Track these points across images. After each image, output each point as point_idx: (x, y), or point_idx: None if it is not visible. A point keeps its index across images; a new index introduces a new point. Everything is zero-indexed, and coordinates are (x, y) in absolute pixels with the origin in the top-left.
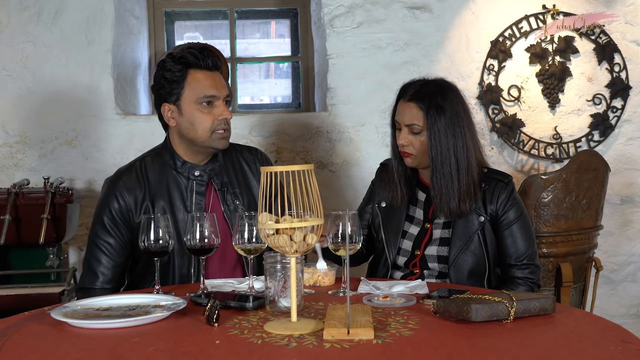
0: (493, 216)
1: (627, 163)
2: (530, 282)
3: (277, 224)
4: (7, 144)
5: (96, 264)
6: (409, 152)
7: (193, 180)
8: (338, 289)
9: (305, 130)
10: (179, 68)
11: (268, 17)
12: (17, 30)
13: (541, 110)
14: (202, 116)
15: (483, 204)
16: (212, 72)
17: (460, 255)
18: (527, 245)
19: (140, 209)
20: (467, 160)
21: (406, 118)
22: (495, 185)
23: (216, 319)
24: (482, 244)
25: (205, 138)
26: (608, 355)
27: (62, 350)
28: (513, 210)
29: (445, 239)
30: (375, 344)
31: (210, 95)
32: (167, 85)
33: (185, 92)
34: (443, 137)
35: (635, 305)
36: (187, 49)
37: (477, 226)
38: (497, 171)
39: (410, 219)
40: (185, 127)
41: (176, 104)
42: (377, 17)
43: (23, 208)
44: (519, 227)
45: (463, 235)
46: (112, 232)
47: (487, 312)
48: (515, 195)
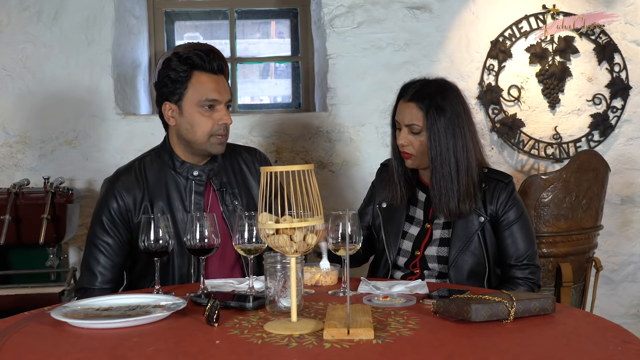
0: (493, 216)
1: (627, 163)
2: (530, 282)
3: (277, 224)
4: (7, 144)
5: (95, 264)
6: (409, 153)
7: (192, 180)
8: (338, 289)
9: (305, 130)
10: (184, 68)
11: (268, 17)
12: (17, 30)
13: (541, 110)
14: (203, 119)
15: (483, 204)
16: (217, 75)
17: (460, 255)
18: (527, 246)
19: (139, 209)
20: (467, 160)
21: (406, 118)
22: (495, 186)
23: (216, 319)
24: (482, 244)
25: (202, 141)
26: (608, 355)
27: (62, 350)
28: (513, 210)
29: (445, 239)
30: (375, 344)
31: (212, 99)
32: (171, 84)
33: (188, 93)
34: (443, 138)
35: (635, 305)
36: (193, 50)
37: (477, 226)
38: (497, 171)
39: (410, 220)
40: (184, 128)
41: (177, 104)
42: (377, 17)
43: (23, 208)
44: (519, 228)
45: (463, 235)
46: (111, 232)
47: (487, 312)
48: (515, 196)
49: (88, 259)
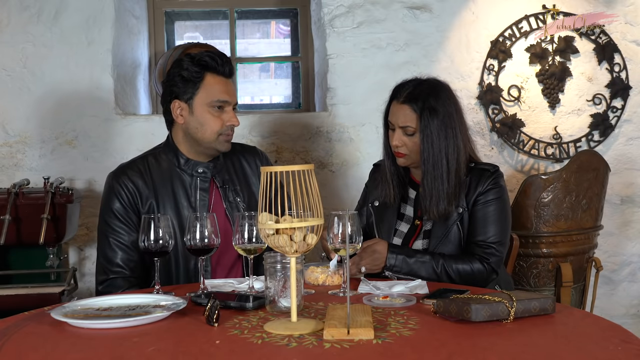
0: (474, 201)
1: (627, 163)
2: (485, 262)
3: (277, 224)
4: (7, 144)
5: (112, 253)
6: (403, 153)
7: (197, 177)
8: (338, 289)
9: (305, 130)
10: (196, 70)
11: (268, 17)
12: (17, 30)
13: (541, 110)
14: (212, 119)
15: (465, 196)
16: (227, 78)
17: (440, 246)
18: (496, 232)
19: (146, 203)
20: (457, 161)
21: (400, 120)
22: (481, 175)
23: (216, 319)
24: (460, 232)
25: (211, 140)
26: (608, 355)
27: (62, 350)
28: (493, 192)
29: (427, 231)
30: (375, 344)
31: (223, 100)
32: (182, 83)
33: (200, 93)
34: (435, 139)
35: (635, 305)
36: (207, 52)
37: (455, 217)
38: (484, 163)
39: (401, 217)
40: (193, 127)
41: (188, 103)
42: (377, 17)
43: (23, 208)
44: (495, 211)
45: (442, 225)
46: (123, 219)
47: (487, 312)
48: (500, 182)
49: (104, 250)
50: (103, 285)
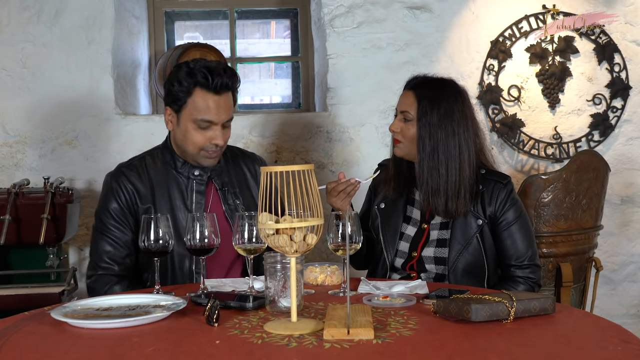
0: (492, 218)
1: (627, 163)
2: (531, 281)
3: (277, 224)
4: (7, 144)
5: (102, 250)
6: (398, 140)
7: (193, 180)
8: (338, 289)
9: (305, 130)
10: (186, 84)
11: (268, 17)
12: (17, 30)
13: (541, 110)
14: (196, 134)
15: (482, 206)
16: (219, 95)
17: (459, 257)
18: (526, 246)
19: (143, 205)
20: (459, 160)
21: (402, 105)
22: (493, 187)
23: (216, 319)
24: (480, 246)
25: (193, 153)
26: (608, 355)
27: (62, 350)
28: (512, 210)
29: (442, 240)
30: (375, 344)
31: (207, 120)
32: (173, 94)
33: (187, 107)
34: (433, 131)
35: (635, 305)
36: (201, 66)
37: (475, 229)
38: (495, 172)
39: (407, 220)
40: (179, 137)
41: (177, 113)
42: (377, 17)
43: (23, 208)
44: (519, 228)
45: (462, 237)
46: (118, 219)
47: (487, 312)
48: (514, 196)
49: (96, 247)
50: (91, 279)
